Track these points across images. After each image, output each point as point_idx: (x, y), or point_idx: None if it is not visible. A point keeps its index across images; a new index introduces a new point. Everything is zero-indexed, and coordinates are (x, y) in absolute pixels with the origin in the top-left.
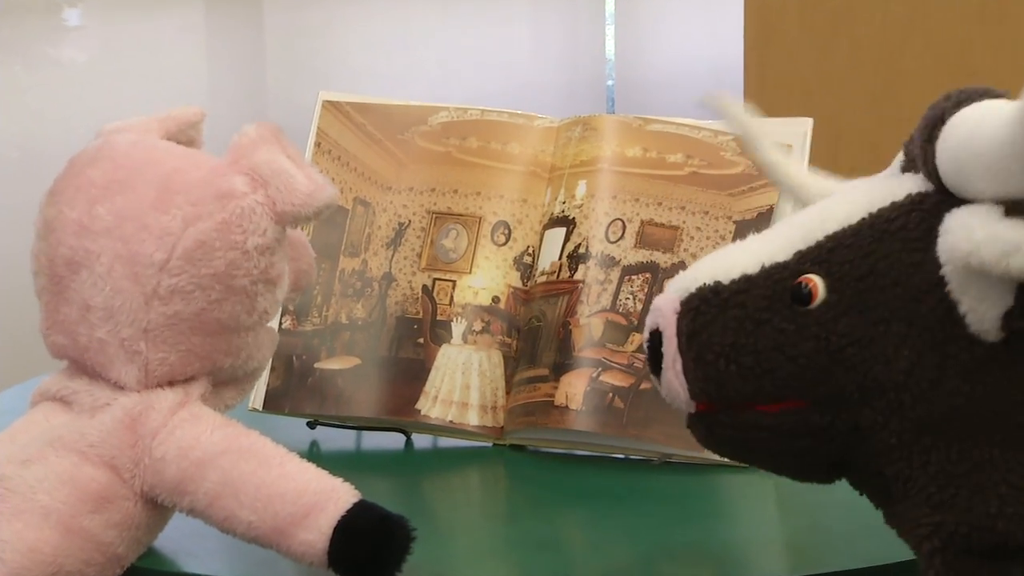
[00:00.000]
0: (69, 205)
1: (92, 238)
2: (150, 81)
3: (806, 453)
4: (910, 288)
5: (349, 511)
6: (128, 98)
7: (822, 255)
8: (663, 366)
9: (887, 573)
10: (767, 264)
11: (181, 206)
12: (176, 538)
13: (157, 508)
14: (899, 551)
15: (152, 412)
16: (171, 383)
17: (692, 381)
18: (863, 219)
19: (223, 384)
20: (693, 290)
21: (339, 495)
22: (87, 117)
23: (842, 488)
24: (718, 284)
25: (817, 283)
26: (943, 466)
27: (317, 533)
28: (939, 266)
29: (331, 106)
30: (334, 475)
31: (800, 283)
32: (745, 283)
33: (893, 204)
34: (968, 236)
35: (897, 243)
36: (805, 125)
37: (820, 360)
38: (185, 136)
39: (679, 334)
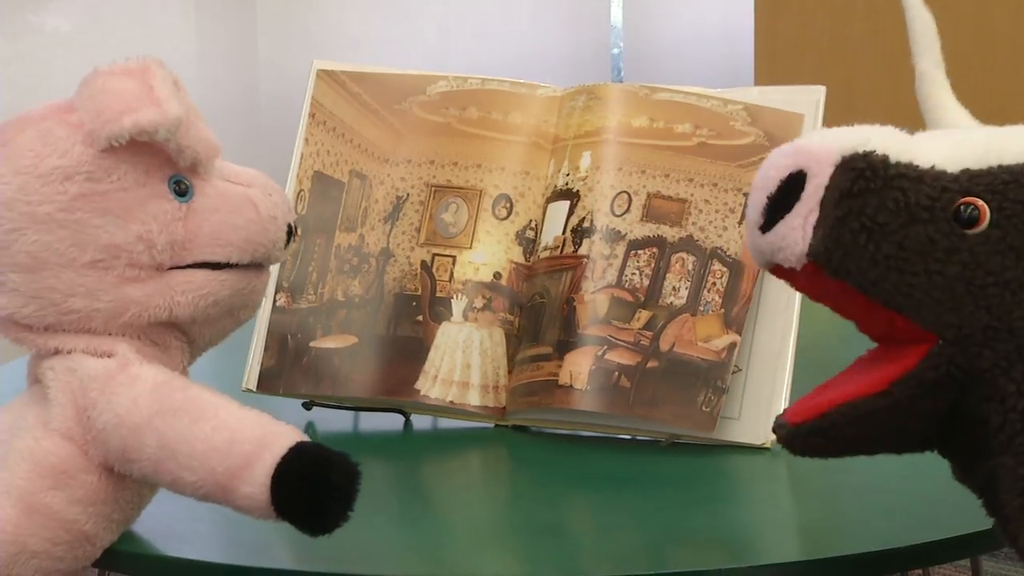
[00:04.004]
0: None
1: None
2: (137, 50)
3: (916, 418)
4: None
5: (284, 458)
6: None
7: (995, 185)
8: (793, 211)
9: (902, 556)
10: (937, 167)
11: None
12: (167, 522)
13: (123, 482)
14: (914, 534)
15: (88, 382)
16: (30, 327)
17: (820, 239)
18: None
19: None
20: (860, 152)
21: (274, 441)
22: (72, 88)
23: (856, 471)
24: (887, 158)
25: (985, 210)
26: None
27: (256, 485)
28: None
29: (326, 75)
30: None
31: (967, 203)
32: (915, 173)
33: None
34: None
35: None
36: (818, 93)
37: (957, 288)
38: None
39: (831, 187)
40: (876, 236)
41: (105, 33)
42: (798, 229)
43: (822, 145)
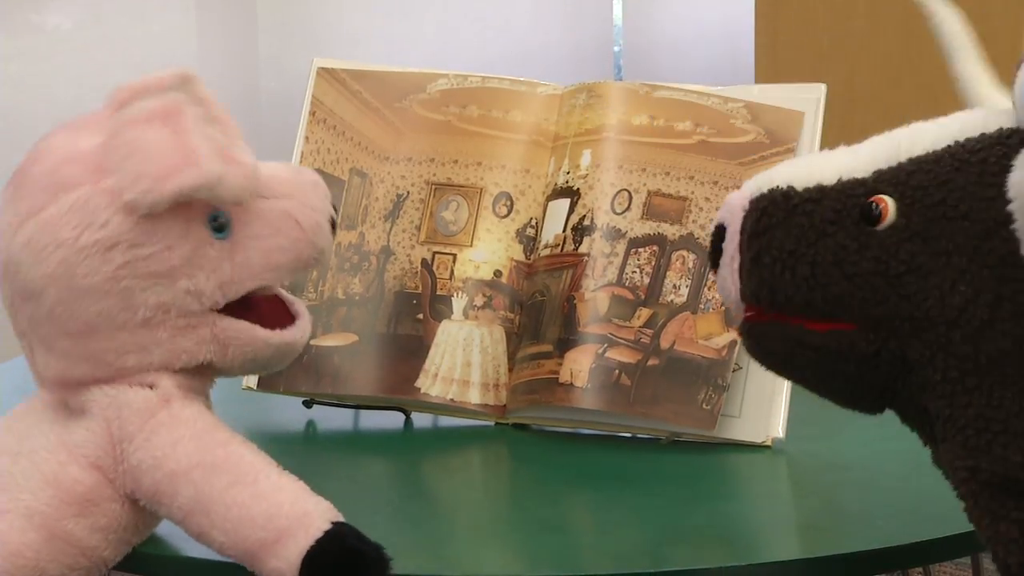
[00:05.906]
0: None
1: None
2: (138, 48)
3: (851, 379)
4: (979, 222)
5: (319, 540)
6: (115, 66)
7: (900, 177)
8: (721, 262)
9: (902, 554)
10: (845, 178)
11: (23, 200)
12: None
13: (145, 509)
14: (914, 532)
15: (127, 413)
16: (74, 383)
17: (745, 282)
18: (949, 146)
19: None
20: (765, 191)
21: (311, 521)
22: (73, 86)
23: (856, 467)
24: (790, 189)
25: (889, 204)
26: (983, 410)
27: (285, 563)
28: (1008, 202)
29: (326, 73)
30: (330, 456)
31: (872, 202)
32: (818, 192)
33: (982, 135)
34: None
35: (974, 175)
36: (818, 91)
37: (876, 283)
38: None
39: (742, 232)
40: (789, 263)
41: (106, 31)
42: (727, 278)
43: (737, 194)
